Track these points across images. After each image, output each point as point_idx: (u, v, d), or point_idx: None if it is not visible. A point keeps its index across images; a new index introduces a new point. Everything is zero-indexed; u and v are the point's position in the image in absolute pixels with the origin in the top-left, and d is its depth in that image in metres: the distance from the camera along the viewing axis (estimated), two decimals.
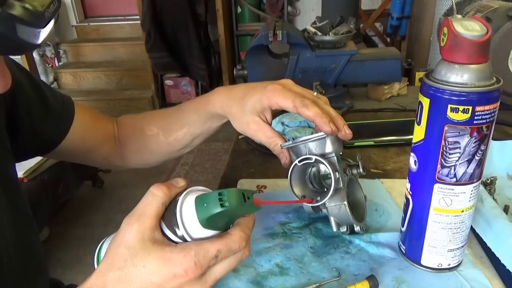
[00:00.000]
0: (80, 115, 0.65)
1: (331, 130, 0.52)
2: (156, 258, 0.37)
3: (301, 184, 0.57)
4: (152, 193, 0.40)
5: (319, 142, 0.54)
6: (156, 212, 0.39)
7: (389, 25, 3.24)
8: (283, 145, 0.56)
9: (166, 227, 0.39)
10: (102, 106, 3.68)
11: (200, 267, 0.37)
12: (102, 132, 0.69)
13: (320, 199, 0.53)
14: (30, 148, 0.60)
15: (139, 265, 0.37)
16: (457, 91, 0.42)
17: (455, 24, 0.42)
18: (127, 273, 0.37)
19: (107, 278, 0.38)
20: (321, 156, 0.54)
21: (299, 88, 0.57)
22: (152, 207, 0.39)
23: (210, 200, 0.37)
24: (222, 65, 3.82)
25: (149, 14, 3.13)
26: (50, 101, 0.62)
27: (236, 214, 0.41)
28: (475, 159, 0.45)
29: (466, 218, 0.48)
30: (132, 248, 0.38)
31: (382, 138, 0.89)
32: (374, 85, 1.17)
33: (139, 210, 0.39)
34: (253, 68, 1.16)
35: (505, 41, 0.94)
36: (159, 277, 0.37)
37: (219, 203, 0.37)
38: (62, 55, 4.11)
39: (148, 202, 0.39)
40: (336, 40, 1.11)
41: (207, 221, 0.38)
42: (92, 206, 2.36)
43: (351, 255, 0.56)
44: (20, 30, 0.32)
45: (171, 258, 0.37)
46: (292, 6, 3.99)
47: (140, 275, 0.37)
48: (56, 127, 0.62)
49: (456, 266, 0.52)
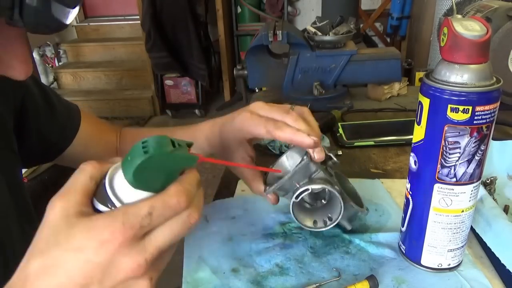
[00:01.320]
0: (85, 124, 0.66)
1: (313, 142, 0.48)
2: (79, 231, 0.31)
3: (304, 212, 0.56)
4: (80, 168, 0.35)
5: (303, 168, 0.52)
6: (82, 186, 0.33)
7: (389, 25, 3.25)
8: (268, 191, 0.54)
9: (98, 203, 0.34)
10: (102, 106, 3.69)
11: (129, 227, 0.31)
12: (105, 143, 0.69)
13: (333, 218, 0.54)
14: (36, 153, 0.61)
15: (62, 243, 0.31)
16: (457, 91, 0.42)
17: (455, 24, 0.42)
18: (50, 257, 0.31)
19: (28, 269, 0.31)
20: (310, 180, 0.53)
21: (268, 109, 0.53)
22: (78, 181, 0.34)
23: (134, 151, 0.32)
24: (222, 65, 3.83)
25: (149, 14, 3.13)
26: (57, 108, 0.62)
27: (169, 168, 0.34)
28: (475, 159, 0.45)
29: (466, 218, 0.48)
30: (55, 225, 0.32)
31: (382, 138, 0.89)
32: (374, 85, 1.17)
33: (64, 188, 0.34)
34: (253, 68, 1.16)
35: (505, 41, 0.94)
36: (86, 251, 0.31)
37: (142, 151, 0.32)
38: (62, 55, 4.11)
39: (74, 178, 0.34)
40: (336, 40, 1.11)
41: (135, 177, 0.32)
42: None
43: (351, 255, 0.56)
44: (54, 7, 0.34)
45: (96, 225, 0.31)
46: (292, 6, 3.99)
47: (64, 254, 0.31)
48: (62, 133, 0.63)
49: (456, 266, 0.52)
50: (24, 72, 0.40)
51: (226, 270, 0.54)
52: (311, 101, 1.10)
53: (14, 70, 0.40)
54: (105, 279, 0.31)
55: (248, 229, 0.61)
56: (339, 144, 0.89)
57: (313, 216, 0.56)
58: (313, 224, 0.56)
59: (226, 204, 0.69)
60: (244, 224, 0.62)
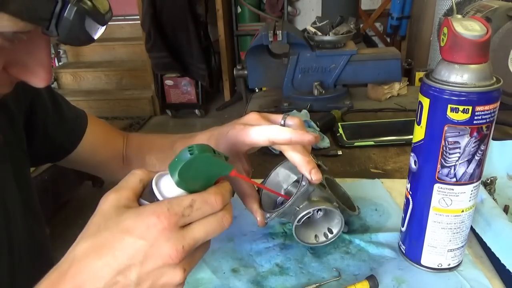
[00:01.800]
0: (93, 128, 0.67)
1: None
2: (129, 217, 0.35)
3: (304, 227, 0.56)
4: (132, 172, 0.39)
5: (303, 193, 0.52)
6: (133, 185, 0.38)
7: (389, 25, 3.25)
8: (268, 219, 0.53)
9: (144, 201, 0.38)
10: (102, 106, 3.69)
11: (173, 213, 0.35)
12: (111, 148, 0.71)
13: (333, 231, 0.56)
14: (42, 154, 0.62)
15: (112, 227, 0.35)
16: (457, 91, 0.42)
17: (455, 24, 0.42)
18: (99, 238, 0.35)
19: (76, 250, 0.35)
20: (309, 201, 0.52)
21: (262, 121, 0.53)
22: (129, 181, 0.38)
23: (181, 154, 0.37)
24: (222, 65, 3.83)
25: (149, 14, 3.13)
26: (65, 111, 0.64)
27: (209, 173, 0.39)
28: (475, 159, 0.45)
29: (466, 218, 0.48)
30: (107, 214, 0.36)
31: (382, 138, 0.89)
32: (374, 85, 1.17)
33: (117, 186, 0.38)
34: (253, 68, 1.16)
35: (505, 41, 0.94)
36: (134, 232, 0.34)
37: (188, 153, 0.36)
38: (62, 55, 4.11)
39: (126, 179, 0.39)
40: (336, 40, 1.11)
41: (180, 175, 0.36)
42: (92, 206, 2.33)
43: (351, 255, 0.56)
44: (87, 22, 0.37)
45: (144, 212, 0.35)
46: (292, 6, 3.99)
47: (113, 235, 0.35)
48: (68, 136, 0.64)
49: (456, 266, 0.52)
50: (45, 80, 0.43)
51: (226, 270, 0.54)
52: (311, 101, 1.11)
53: (36, 77, 0.42)
54: (146, 262, 0.35)
55: (248, 229, 0.61)
56: (339, 144, 0.89)
57: (314, 230, 0.57)
58: (314, 239, 0.56)
59: None
60: (244, 224, 0.62)
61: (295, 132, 0.48)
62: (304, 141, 0.48)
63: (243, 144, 0.51)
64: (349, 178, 0.76)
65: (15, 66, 0.41)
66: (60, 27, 0.36)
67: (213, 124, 0.65)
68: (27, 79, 0.42)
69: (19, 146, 0.57)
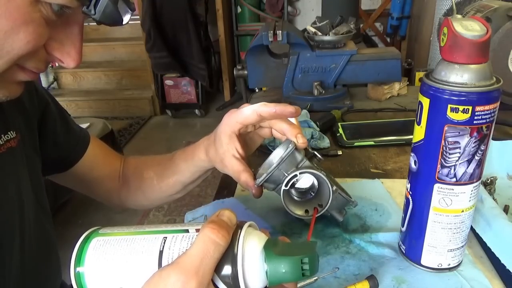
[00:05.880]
0: (94, 145, 0.69)
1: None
2: None
3: (295, 204, 0.58)
4: (214, 242, 0.35)
5: (290, 157, 0.55)
6: (215, 265, 0.35)
7: (389, 25, 3.25)
8: (258, 182, 0.55)
9: (219, 280, 0.35)
10: (102, 106, 3.68)
11: None
12: (109, 166, 0.72)
13: (323, 205, 0.57)
14: (49, 162, 0.63)
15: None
16: (457, 91, 0.42)
17: (455, 24, 0.42)
18: None
19: None
20: (297, 169, 0.55)
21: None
22: (213, 259, 0.34)
23: (293, 267, 0.34)
24: (222, 65, 3.82)
25: (149, 14, 3.13)
26: (71, 124, 0.67)
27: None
28: (475, 159, 0.45)
29: (466, 218, 0.48)
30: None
31: (382, 138, 0.89)
32: (374, 85, 1.17)
33: (197, 262, 0.34)
34: (253, 68, 1.16)
35: (505, 41, 0.94)
36: None
37: (301, 271, 0.34)
38: None
39: (207, 252, 0.34)
40: (336, 40, 1.11)
41: (274, 283, 0.35)
42: (92, 206, 2.36)
43: (351, 255, 0.56)
44: (120, 5, 0.41)
45: None
46: (292, 6, 3.99)
47: None
48: (75, 147, 0.67)
49: (456, 266, 0.52)
50: (76, 61, 0.45)
51: None
52: (311, 101, 1.11)
53: (70, 57, 0.44)
54: None
55: None
56: (339, 144, 0.89)
57: (304, 207, 0.58)
58: (304, 213, 0.57)
59: (226, 204, 0.69)
60: None
61: (279, 105, 0.54)
62: (286, 111, 0.54)
63: (236, 123, 0.56)
64: (349, 178, 0.76)
65: (54, 43, 0.43)
66: (97, 7, 0.40)
67: (213, 124, 0.65)
68: (62, 57, 0.44)
69: (33, 145, 0.58)
